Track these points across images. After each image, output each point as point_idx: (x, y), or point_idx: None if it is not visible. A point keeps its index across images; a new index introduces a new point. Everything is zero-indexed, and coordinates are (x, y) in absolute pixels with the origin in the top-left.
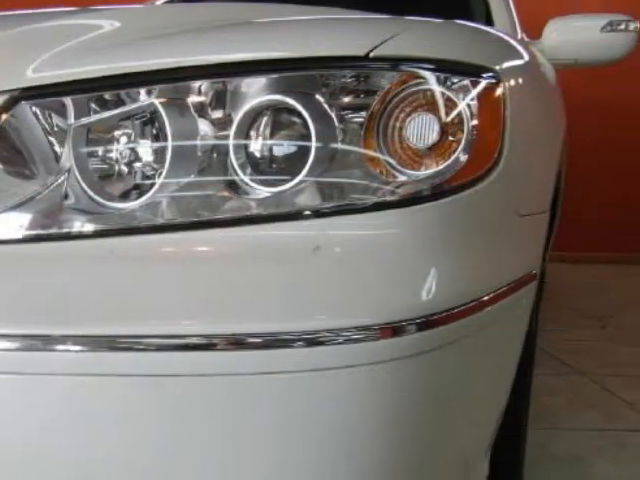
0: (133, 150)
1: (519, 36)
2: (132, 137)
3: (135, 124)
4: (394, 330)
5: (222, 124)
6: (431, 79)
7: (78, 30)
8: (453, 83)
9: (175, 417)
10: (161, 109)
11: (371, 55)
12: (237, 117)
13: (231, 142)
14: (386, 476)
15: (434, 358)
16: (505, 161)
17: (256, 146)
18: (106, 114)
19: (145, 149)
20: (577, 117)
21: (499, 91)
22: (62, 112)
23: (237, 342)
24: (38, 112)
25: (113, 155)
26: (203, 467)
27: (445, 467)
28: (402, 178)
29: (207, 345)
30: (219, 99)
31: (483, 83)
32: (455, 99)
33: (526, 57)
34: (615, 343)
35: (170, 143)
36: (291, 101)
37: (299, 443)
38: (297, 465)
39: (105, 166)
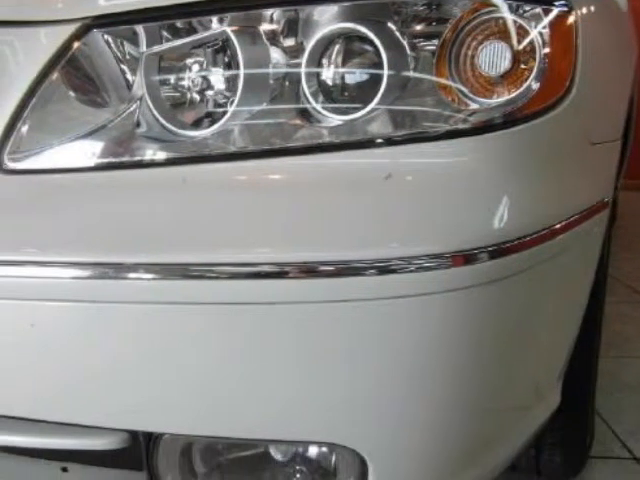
0: (205, 78)
1: None
2: (204, 65)
3: (207, 52)
4: (466, 258)
5: (294, 52)
6: (503, 7)
7: None
8: (525, 11)
9: (247, 345)
10: (233, 37)
11: None
12: (309, 45)
13: (303, 70)
14: (457, 404)
15: (506, 286)
16: (577, 89)
17: (328, 74)
18: (178, 42)
19: (217, 77)
20: None
21: (571, 19)
22: (134, 40)
23: (309, 270)
24: (110, 40)
25: (185, 83)
26: (275, 394)
27: (517, 395)
28: (474, 106)
29: (279, 273)
30: (291, 27)
31: (555, 11)
32: (527, 27)
33: None
34: None
35: (242, 71)
36: (363, 29)
37: (371, 371)
38: (368, 392)
39: (177, 94)
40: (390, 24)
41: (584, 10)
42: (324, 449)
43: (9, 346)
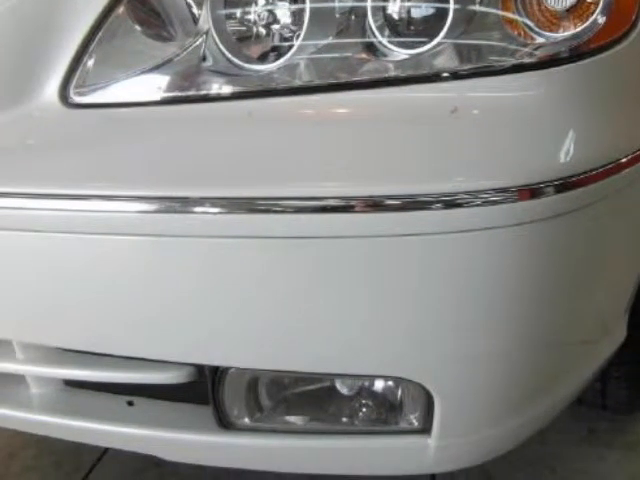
0: (271, 12)
1: None
2: None
3: None
4: (532, 192)
5: None
6: None
7: None
8: None
9: (312, 279)
10: None
11: None
12: None
13: (369, 4)
14: (523, 338)
15: (572, 220)
16: None
17: (394, 8)
18: None
19: (283, 11)
20: None
21: None
22: None
23: (375, 204)
24: None
25: (251, 17)
26: (341, 328)
27: (583, 329)
28: (540, 40)
29: (345, 207)
30: None
31: None
32: None
33: None
34: None
35: (308, 5)
36: None
37: (436, 305)
38: (434, 326)
39: (243, 28)
40: None
41: None
42: (390, 383)
43: (74, 280)
